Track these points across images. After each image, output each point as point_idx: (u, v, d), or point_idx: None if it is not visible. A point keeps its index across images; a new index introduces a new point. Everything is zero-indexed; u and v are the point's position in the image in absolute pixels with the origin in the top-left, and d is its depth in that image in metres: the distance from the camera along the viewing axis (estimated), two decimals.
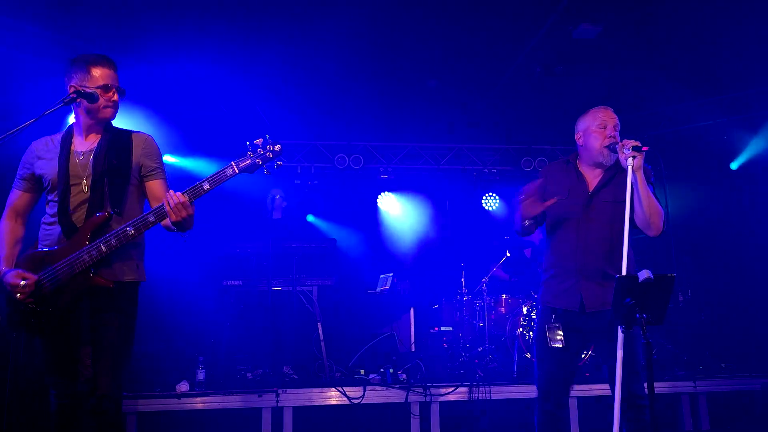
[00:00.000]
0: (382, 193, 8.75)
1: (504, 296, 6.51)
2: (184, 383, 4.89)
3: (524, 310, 6.01)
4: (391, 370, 5.24)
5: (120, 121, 3.01)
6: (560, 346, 2.92)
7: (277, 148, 2.77)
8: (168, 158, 7.05)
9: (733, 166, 7.69)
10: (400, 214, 8.80)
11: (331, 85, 7.01)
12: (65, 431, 2.77)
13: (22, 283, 2.60)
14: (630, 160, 2.80)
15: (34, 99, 4.56)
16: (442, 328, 6.80)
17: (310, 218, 8.13)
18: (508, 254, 6.55)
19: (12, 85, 5.12)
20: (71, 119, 2.95)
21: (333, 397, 4.96)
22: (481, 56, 6.36)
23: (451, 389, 5.08)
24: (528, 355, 5.68)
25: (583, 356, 5.44)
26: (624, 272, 2.67)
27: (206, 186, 2.69)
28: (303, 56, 6.32)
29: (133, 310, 2.82)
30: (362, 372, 5.57)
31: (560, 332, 2.93)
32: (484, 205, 8.86)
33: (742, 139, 7.44)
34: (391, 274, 6.94)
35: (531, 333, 5.77)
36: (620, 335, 2.66)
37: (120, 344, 2.73)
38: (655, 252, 6.66)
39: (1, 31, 5.26)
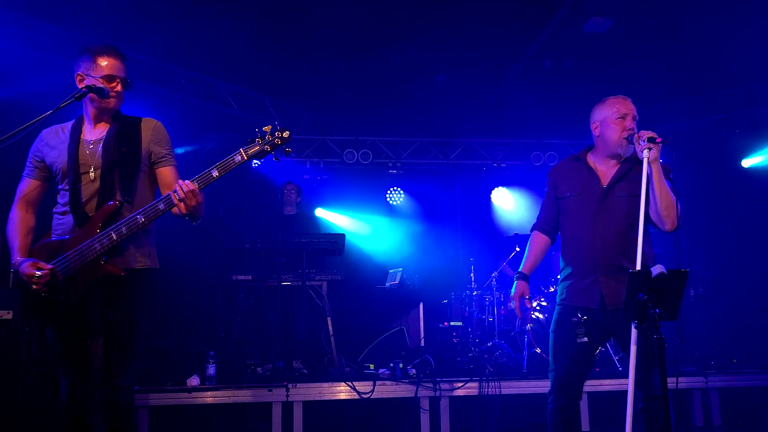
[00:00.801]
0: (392, 188, 8.75)
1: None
2: (195, 378, 4.91)
3: (534, 305, 5.99)
4: (401, 365, 5.24)
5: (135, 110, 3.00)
6: (586, 340, 2.89)
7: (286, 134, 2.72)
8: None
9: (745, 164, 7.61)
10: (410, 209, 8.79)
11: (339, 80, 7.01)
12: (76, 423, 2.77)
13: (38, 273, 2.60)
14: (646, 152, 2.76)
15: (43, 94, 4.58)
16: (452, 323, 6.79)
17: (320, 213, 8.13)
18: (517, 249, 6.51)
19: (21, 80, 5.15)
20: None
21: (342, 391, 4.97)
22: (490, 50, 6.33)
23: (460, 384, 5.07)
24: (538, 350, 5.67)
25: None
26: (639, 267, 2.65)
27: (215, 173, 2.65)
28: (309, 51, 6.32)
29: (144, 299, 2.81)
30: (372, 367, 5.57)
31: (585, 328, 2.91)
32: (493, 200, 8.84)
33: (754, 135, 7.37)
34: (400, 269, 6.91)
35: (529, 327, 5.77)
36: (633, 331, 2.64)
37: (132, 334, 2.73)
38: (666, 247, 6.62)
39: (12, 27, 5.29)
